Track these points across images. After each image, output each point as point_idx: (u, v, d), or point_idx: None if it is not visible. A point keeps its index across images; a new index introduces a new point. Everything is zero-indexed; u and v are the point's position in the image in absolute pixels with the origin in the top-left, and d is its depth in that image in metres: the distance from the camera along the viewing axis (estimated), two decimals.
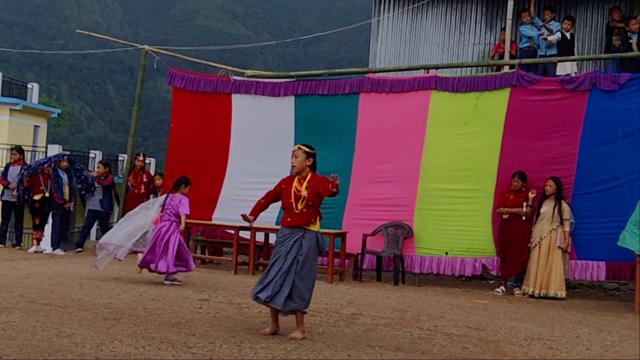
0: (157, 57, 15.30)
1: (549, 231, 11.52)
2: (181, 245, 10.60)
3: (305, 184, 7.37)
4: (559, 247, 11.45)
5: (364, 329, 7.86)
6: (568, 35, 14.29)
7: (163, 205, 10.70)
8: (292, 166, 7.56)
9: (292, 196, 7.38)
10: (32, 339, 6.39)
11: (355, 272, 12.48)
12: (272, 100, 14.15)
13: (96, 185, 14.89)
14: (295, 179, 7.48)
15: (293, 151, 7.58)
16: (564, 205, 11.57)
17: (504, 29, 14.92)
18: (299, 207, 7.33)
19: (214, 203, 14.25)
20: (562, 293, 11.41)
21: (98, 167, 15.49)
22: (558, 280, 11.43)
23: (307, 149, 7.51)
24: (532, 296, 11.43)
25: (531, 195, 11.71)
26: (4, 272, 10.80)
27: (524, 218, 11.69)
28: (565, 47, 14.17)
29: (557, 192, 11.60)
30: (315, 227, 7.39)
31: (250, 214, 7.71)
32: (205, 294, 9.64)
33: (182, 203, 10.67)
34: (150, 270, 10.49)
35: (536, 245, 11.57)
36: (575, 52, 14.60)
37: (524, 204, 11.73)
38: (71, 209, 14.56)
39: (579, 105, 12.04)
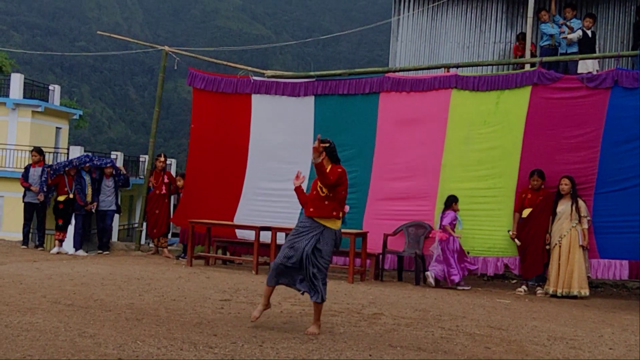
0: (177, 58, 15.37)
1: (569, 229, 11.45)
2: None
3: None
4: (581, 245, 11.38)
5: (386, 329, 7.85)
6: (589, 33, 14.18)
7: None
8: (314, 161, 7.51)
9: (317, 188, 7.53)
10: (55, 340, 6.43)
11: (377, 272, 12.46)
12: (292, 100, 14.17)
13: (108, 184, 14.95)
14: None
15: (314, 147, 7.51)
16: (580, 203, 11.51)
17: (520, 36, 14.87)
18: (321, 197, 7.49)
19: (235, 204, 14.28)
20: (586, 291, 11.34)
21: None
22: (581, 278, 11.36)
23: (321, 143, 7.50)
24: (554, 296, 11.36)
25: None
26: (27, 273, 10.88)
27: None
28: (586, 45, 14.07)
29: (572, 191, 11.53)
30: (336, 224, 7.52)
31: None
32: (226, 294, 9.66)
33: (445, 216, 12.03)
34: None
35: (556, 244, 11.51)
36: (597, 49, 14.50)
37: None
38: (92, 210, 14.59)
39: (600, 103, 11.95)
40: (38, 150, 15.56)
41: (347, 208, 7.80)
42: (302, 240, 7.45)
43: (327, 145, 7.61)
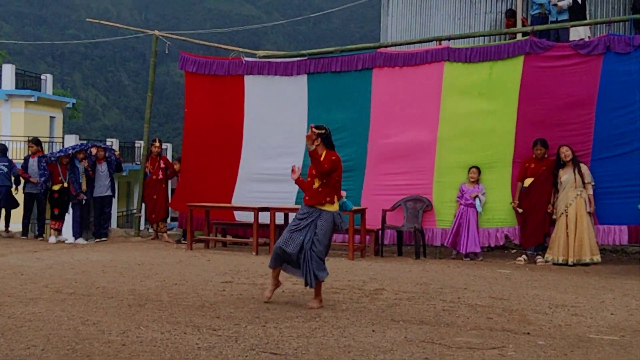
0: (168, 42, 15.30)
1: (574, 197, 11.46)
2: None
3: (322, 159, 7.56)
4: (588, 212, 11.42)
5: (388, 304, 7.87)
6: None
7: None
8: (308, 148, 7.68)
9: (310, 175, 7.65)
10: (58, 329, 6.45)
11: (376, 247, 12.49)
12: (284, 79, 14.13)
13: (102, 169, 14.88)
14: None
15: (307, 135, 7.68)
16: (584, 169, 11.52)
17: (508, 12, 14.79)
18: (315, 185, 7.61)
19: (232, 185, 14.29)
20: (598, 257, 11.38)
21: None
22: (592, 245, 11.39)
23: (316, 130, 7.62)
24: (565, 264, 11.35)
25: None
26: (27, 263, 10.89)
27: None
28: (577, 12, 14.00)
29: (573, 158, 11.54)
30: (332, 207, 7.62)
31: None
32: (227, 277, 9.68)
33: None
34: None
35: (562, 213, 11.52)
36: (588, 16, 14.44)
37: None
38: (83, 201, 14.46)
39: (594, 69, 11.93)
40: (35, 141, 15.53)
41: (343, 193, 7.85)
42: (302, 231, 7.58)
43: (322, 132, 7.64)
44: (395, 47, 13.86)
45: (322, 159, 7.52)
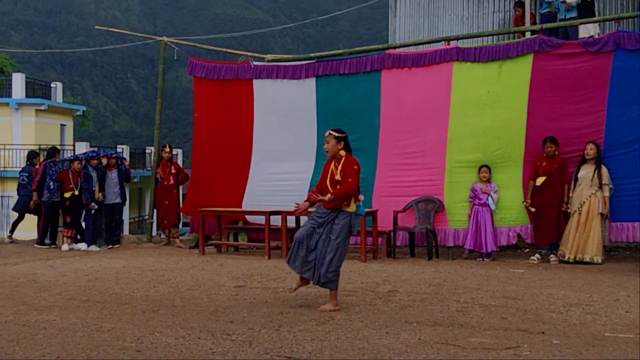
0: (176, 48, 15.33)
1: (588, 196, 11.42)
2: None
3: (340, 167, 7.73)
4: (600, 213, 11.37)
5: (401, 305, 7.86)
6: None
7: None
8: (326, 151, 7.87)
9: (329, 179, 7.74)
10: (73, 336, 6.46)
11: (389, 249, 12.47)
12: (293, 83, 14.13)
13: (111, 176, 14.90)
14: (332, 163, 7.83)
15: (325, 137, 7.93)
16: (604, 170, 11.46)
17: (517, 3, 14.75)
18: (333, 190, 7.66)
19: (242, 189, 14.29)
20: (599, 258, 11.31)
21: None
22: (595, 245, 11.34)
23: (337, 134, 7.81)
24: (566, 262, 11.36)
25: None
26: (41, 271, 10.93)
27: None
28: (585, 9, 13.94)
29: (597, 156, 11.49)
30: (350, 209, 7.68)
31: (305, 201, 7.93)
32: (240, 281, 9.69)
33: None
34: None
35: (576, 211, 11.48)
36: (597, 13, 14.39)
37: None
38: (93, 210, 14.49)
39: (604, 66, 11.88)
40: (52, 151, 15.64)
41: (361, 197, 7.90)
42: (317, 231, 7.69)
43: (344, 135, 7.86)
44: (403, 48, 13.84)
45: (350, 183, 7.64)
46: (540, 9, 14.41)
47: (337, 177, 7.64)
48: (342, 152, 7.79)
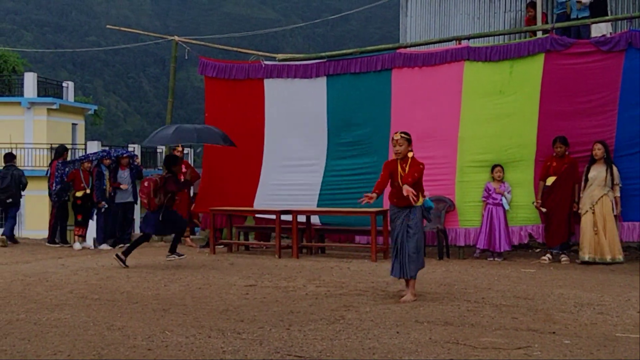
0: (187, 48, 15.37)
1: (600, 196, 11.36)
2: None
3: (407, 167, 8.19)
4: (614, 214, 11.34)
5: (411, 305, 7.85)
6: None
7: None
8: (397, 152, 8.28)
9: (399, 179, 8.17)
10: (84, 334, 6.48)
11: None
12: (304, 82, 14.14)
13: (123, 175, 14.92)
14: (398, 163, 8.29)
15: (395, 139, 8.27)
16: (615, 170, 11.40)
17: (529, 4, 14.70)
18: (400, 189, 8.08)
19: (254, 188, 14.30)
20: (621, 257, 11.28)
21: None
22: (615, 245, 11.30)
23: (407, 136, 8.27)
24: (588, 262, 11.28)
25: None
26: (52, 269, 10.97)
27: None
28: (598, 8, 13.90)
29: (607, 156, 11.44)
30: (419, 203, 8.17)
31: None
32: (251, 280, 9.70)
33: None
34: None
35: (587, 211, 11.43)
36: (609, 12, 14.33)
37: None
38: (103, 209, 14.54)
39: (615, 66, 11.83)
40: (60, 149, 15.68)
41: (427, 193, 8.45)
42: (396, 228, 8.23)
43: (410, 136, 8.31)
44: (414, 48, 13.82)
45: (408, 166, 8.18)
46: (556, 10, 14.34)
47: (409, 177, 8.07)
48: (410, 153, 8.27)
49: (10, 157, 16.13)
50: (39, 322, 7.02)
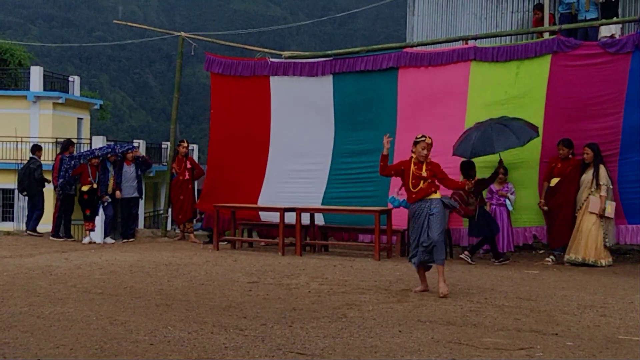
0: (194, 44, 15.37)
1: (585, 198, 11.37)
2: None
3: (424, 167, 8.58)
4: (591, 212, 11.26)
5: (414, 304, 7.85)
6: None
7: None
8: (422, 155, 8.62)
9: (414, 178, 8.57)
10: (87, 328, 6.50)
11: (403, 248, 12.45)
12: (310, 80, 14.13)
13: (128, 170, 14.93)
14: (412, 162, 8.67)
15: (427, 143, 8.64)
16: (601, 170, 11.36)
17: (537, 6, 14.67)
18: (421, 185, 8.55)
19: (258, 186, 14.31)
20: (602, 261, 11.21)
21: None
22: (590, 246, 11.24)
23: (431, 140, 8.68)
24: (572, 263, 11.29)
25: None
26: (56, 263, 10.99)
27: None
28: (609, 9, 13.85)
29: (595, 159, 11.40)
30: (437, 195, 8.60)
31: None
32: (254, 277, 9.70)
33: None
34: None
35: (577, 213, 11.44)
36: (620, 13, 14.27)
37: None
38: (105, 203, 14.55)
39: (622, 68, 11.81)
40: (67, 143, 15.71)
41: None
42: (417, 220, 8.55)
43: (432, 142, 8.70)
44: (421, 47, 13.80)
45: (425, 165, 8.62)
46: (560, 8, 14.30)
47: (424, 174, 8.53)
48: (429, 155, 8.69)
49: (33, 149, 16.29)
50: (42, 316, 7.04)
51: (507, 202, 12.11)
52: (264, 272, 10.13)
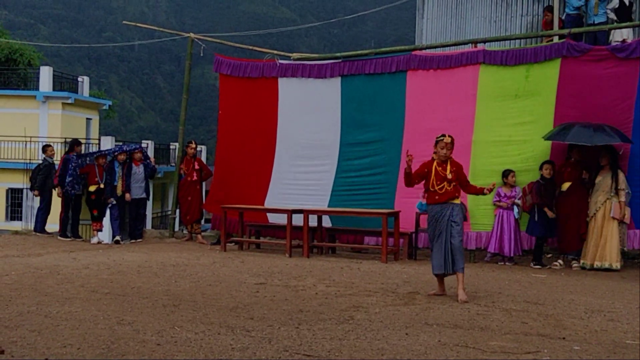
0: (203, 45, 15.39)
1: (603, 202, 11.34)
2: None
3: (449, 167, 8.58)
4: (613, 217, 11.27)
5: (421, 307, 7.85)
6: (626, 1, 13.87)
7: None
8: (443, 155, 8.61)
9: (438, 178, 8.56)
10: (94, 328, 6.51)
11: (410, 251, 12.45)
12: (318, 82, 14.14)
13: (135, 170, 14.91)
14: (435, 163, 8.65)
15: (446, 143, 8.59)
16: (620, 175, 11.36)
17: (547, 8, 14.63)
18: (446, 186, 8.54)
19: (265, 187, 14.32)
20: (617, 265, 11.23)
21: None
22: (613, 251, 11.25)
23: (451, 139, 8.66)
24: (585, 268, 11.29)
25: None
26: (64, 263, 11.01)
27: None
28: (623, 14, 13.79)
29: (613, 163, 11.39)
30: (458, 201, 8.63)
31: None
32: (261, 278, 9.71)
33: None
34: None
35: (592, 217, 11.41)
36: (634, 17, 14.22)
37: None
38: (110, 204, 14.54)
39: (632, 72, 11.77)
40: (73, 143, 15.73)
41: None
42: (439, 225, 8.51)
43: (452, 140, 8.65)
44: (430, 50, 13.79)
45: (449, 166, 8.61)
46: (567, 9, 14.24)
47: (449, 175, 8.52)
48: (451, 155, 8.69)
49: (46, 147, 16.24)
50: (50, 315, 7.06)
51: (515, 209, 12.08)
52: (271, 274, 10.13)
